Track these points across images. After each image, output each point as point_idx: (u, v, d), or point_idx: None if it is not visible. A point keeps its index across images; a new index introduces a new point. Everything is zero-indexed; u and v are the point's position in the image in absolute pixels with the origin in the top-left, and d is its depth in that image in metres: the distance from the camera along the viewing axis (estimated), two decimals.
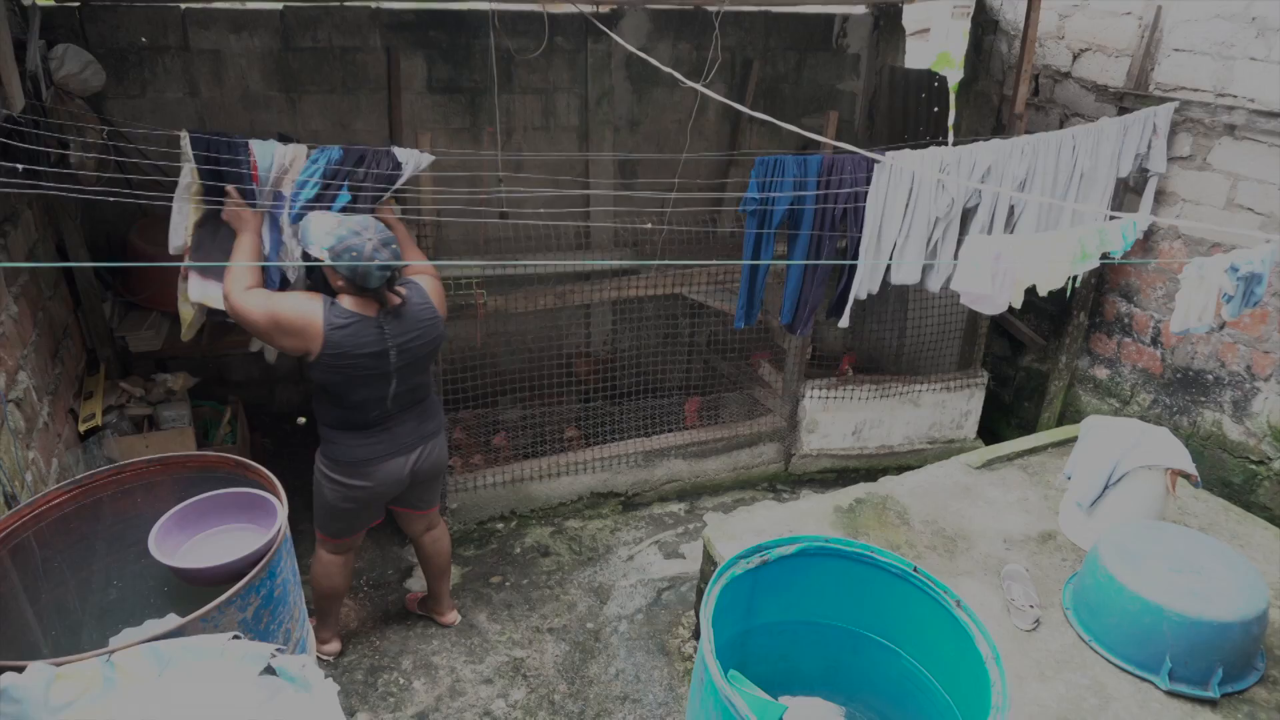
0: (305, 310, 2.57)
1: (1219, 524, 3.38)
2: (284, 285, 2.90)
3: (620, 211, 4.43)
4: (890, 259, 3.59)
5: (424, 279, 2.86)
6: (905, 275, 3.64)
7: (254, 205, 2.74)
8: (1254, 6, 3.49)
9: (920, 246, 3.56)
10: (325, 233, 2.53)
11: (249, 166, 2.70)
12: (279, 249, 2.86)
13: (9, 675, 1.43)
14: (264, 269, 2.75)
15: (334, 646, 3.23)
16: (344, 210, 2.79)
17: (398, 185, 2.90)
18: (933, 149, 3.50)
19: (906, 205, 3.48)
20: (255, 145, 2.70)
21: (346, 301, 2.61)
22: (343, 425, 2.77)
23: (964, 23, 6.25)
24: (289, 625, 2.03)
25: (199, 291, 2.84)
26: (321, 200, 2.79)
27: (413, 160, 2.89)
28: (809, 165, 3.40)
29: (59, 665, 1.47)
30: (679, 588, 3.71)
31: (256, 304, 2.58)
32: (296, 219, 2.80)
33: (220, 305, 2.77)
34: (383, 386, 2.72)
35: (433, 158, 2.98)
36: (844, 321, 3.69)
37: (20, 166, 2.37)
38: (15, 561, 1.96)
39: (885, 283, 3.68)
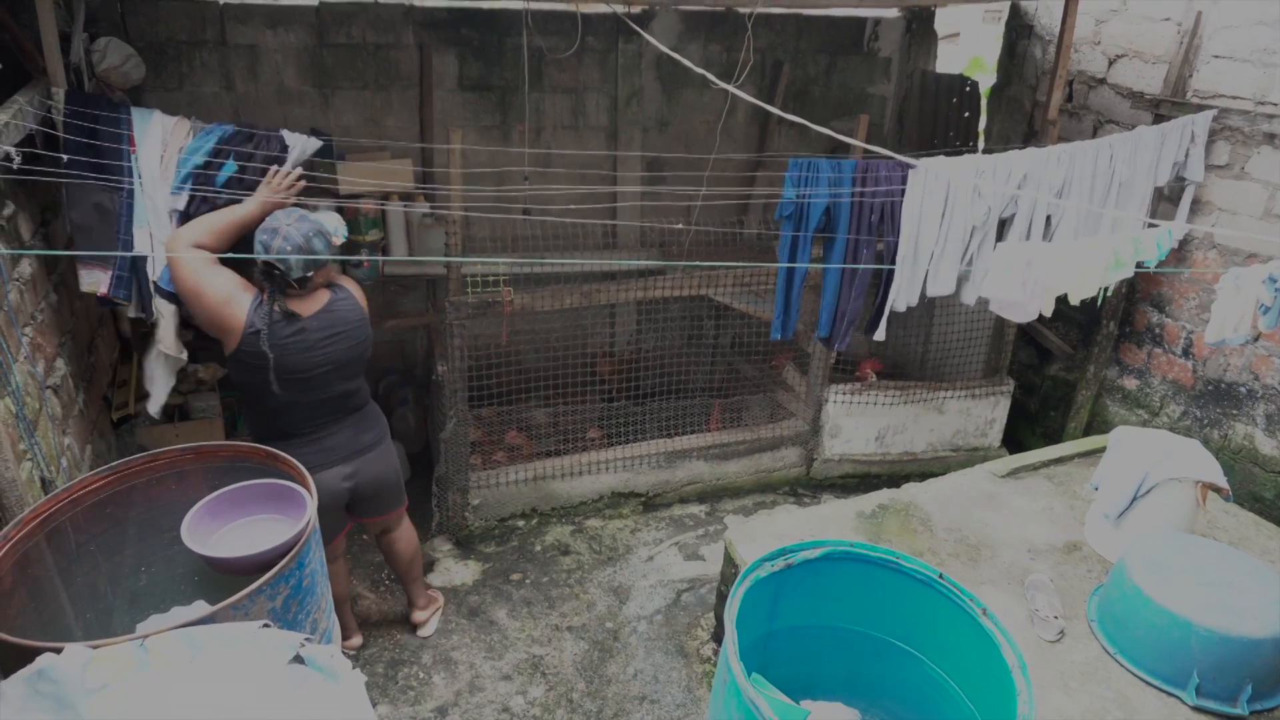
0: (232, 300, 2.48)
1: (1249, 539, 3.33)
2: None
3: (647, 209, 4.43)
4: (928, 267, 3.56)
5: (349, 284, 2.79)
6: (941, 285, 3.61)
7: (114, 180, 2.62)
8: None
9: (957, 256, 3.53)
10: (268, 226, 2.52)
11: (127, 127, 2.62)
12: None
13: (48, 656, 1.46)
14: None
15: (355, 641, 3.26)
16: (230, 183, 2.71)
17: (286, 168, 2.83)
18: (968, 156, 3.47)
19: (943, 214, 3.45)
20: (136, 113, 2.64)
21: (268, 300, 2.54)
22: (269, 435, 2.61)
23: (995, 27, 6.21)
24: (316, 616, 2.05)
25: (87, 280, 2.74)
26: (207, 171, 2.71)
27: (299, 145, 2.87)
28: (843, 168, 3.39)
29: (95, 648, 1.50)
30: (698, 589, 3.70)
31: (188, 265, 2.45)
32: (178, 190, 2.71)
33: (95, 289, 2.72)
34: (306, 391, 2.61)
35: (320, 143, 2.95)
36: (880, 335, 3.65)
37: (65, 156, 2.42)
38: (51, 545, 2.00)
39: (922, 294, 3.64)
